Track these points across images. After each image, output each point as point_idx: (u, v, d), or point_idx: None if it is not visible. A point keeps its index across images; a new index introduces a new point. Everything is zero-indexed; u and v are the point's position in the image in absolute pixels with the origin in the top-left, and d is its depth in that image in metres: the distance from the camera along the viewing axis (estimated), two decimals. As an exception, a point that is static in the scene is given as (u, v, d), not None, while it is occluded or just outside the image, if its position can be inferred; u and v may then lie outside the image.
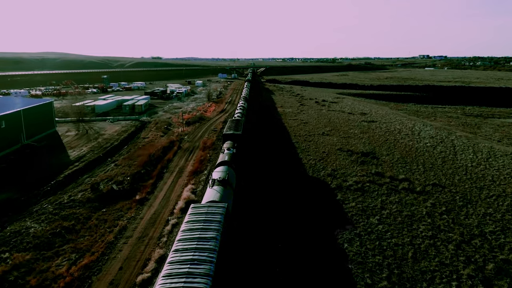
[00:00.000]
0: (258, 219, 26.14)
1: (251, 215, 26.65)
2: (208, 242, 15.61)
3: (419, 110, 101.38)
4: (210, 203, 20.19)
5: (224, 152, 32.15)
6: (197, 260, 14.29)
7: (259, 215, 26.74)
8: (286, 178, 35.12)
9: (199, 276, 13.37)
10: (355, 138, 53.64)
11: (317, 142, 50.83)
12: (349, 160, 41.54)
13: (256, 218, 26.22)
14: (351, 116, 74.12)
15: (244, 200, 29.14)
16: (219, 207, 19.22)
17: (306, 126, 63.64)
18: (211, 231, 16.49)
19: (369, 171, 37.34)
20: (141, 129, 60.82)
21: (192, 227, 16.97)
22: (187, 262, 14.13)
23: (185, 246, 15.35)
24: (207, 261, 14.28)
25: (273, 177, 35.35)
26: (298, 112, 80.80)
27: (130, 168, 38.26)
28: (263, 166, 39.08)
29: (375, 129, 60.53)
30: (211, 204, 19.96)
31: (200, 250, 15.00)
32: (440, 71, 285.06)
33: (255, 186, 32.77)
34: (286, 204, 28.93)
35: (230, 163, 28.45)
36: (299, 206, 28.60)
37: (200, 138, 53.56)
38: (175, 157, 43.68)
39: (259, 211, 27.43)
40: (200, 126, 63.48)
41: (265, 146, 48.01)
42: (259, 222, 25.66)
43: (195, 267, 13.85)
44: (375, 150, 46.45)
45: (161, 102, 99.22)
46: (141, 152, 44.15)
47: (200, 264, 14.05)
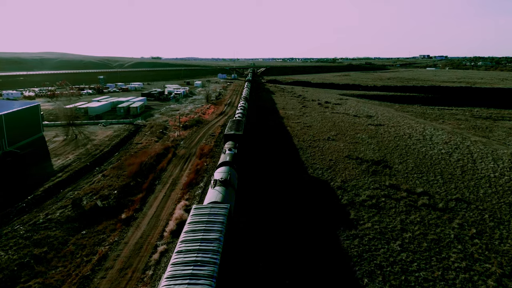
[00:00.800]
0: (262, 248, 22.55)
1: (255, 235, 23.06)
2: (211, 244, 15.48)
3: (425, 112, 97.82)
4: (212, 204, 20.06)
5: (226, 153, 31.63)
6: (200, 261, 14.21)
7: (264, 243, 23.15)
8: (293, 191, 31.54)
9: (202, 278, 13.27)
10: (363, 143, 50.04)
11: (322, 148, 47.24)
12: (359, 170, 37.93)
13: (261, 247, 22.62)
14: (357, 119, 70.52)
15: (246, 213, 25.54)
16: (221, 208, 19.03)
17: (310, 130, 60.05)
18: (214, 232, 16.41)
19: (382, 183, 33.74)
20: (134, 134, 57.21)
21: (194, 228, 16.87)
22: (190, 264, 14.04)
23: (188, 247, 15.23)
24: (210, 262, 14.18)
25: (278, 190, 31.78)
26: (301, 114, 77.21)
27: (119, 180, 34.65)
28: (266, 177, 35.48)
29: (383, 133, 56.92)
30: (214, 205, 19.82)
31: (204, 251, 14.90)
32: (443, 71, 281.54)
33: (259, 201, 29.20)
34: (294, 223, 25.35)
35: (232, 164, 28.23)
36: (309, 225, 25.01)
37: (197, 144, 49.96)
38: (169, 166, 40.07)
39: (265, 235, 23.86)
40: (197, 130, 59.88)
41: (267, 153, 44.43)
42: (264, 250, 22.06)
43: (199, 269, 13.76)
44: (386, 157, 42.85)
45: (158, 103, 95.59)
46: (133, 160, 40.53)
47: (204, 266, 13.95)
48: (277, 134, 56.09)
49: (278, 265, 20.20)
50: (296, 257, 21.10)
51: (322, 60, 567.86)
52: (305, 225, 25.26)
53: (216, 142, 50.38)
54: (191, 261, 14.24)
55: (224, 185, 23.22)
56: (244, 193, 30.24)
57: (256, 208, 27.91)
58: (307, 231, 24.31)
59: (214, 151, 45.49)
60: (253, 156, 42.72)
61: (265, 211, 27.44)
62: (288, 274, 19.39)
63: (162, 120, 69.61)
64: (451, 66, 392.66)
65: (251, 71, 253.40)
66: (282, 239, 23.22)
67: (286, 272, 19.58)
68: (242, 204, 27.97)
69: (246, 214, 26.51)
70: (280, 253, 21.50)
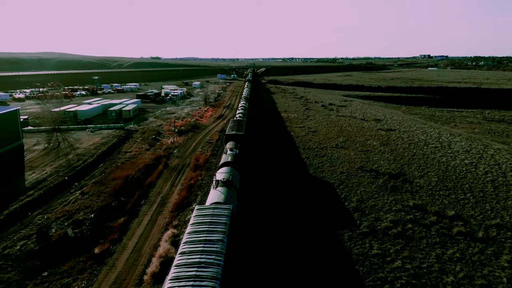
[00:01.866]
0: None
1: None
2: (215, 245, 15.32)
3: (434, 115, 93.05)
4: (215, 205, 19.86)
5: (227, 153, 31.12)
6: (204, 263, 14.05)
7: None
8: (303, 212, 26.78)
9: (206, 279, 13.11)
10: (375, 152, 45.25)
11: (331, 158, 42.46)
12: (376, 185, 33.13)
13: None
14: (365, 123, 65.72)
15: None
16: (224, 209, 18.86)
17: (316, 135, 55.25)
18: (217, 233, 16.26)
19: (405, 203, 28.94)
20: (125, 140, 52.42)
21: (198, 229, 16.69)
22: (194, 265, 13.90)
23: (191, 248, 15.08)
24: (214, 264, 14.03)
25: (285, 213, 27.01)
26: (304, 118, 72.42)
27: (99, 199, 29.86)
28: (269, 197, 30.70)
29: (396, 140, 52.12)
30: (216, 205, 19.62)
31: (207, 252, 14.73)
32: (446, 71, 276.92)
33: (262, 225, 24.42)
34: (304, 255, 20.56)
35: (233, 164, 27.91)
36: (324, 259, 20.23)
37: (192, 153, 45.17)
38: (159, 180, 35.27)
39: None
40: (193, 136, 55.07)
41: (270, 164, 39.64)
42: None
43: (203, 270, 13.62)
44: (404, 169, 38.06)
45: (153, 106, 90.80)
46: (118, 174, 35.76)
47: (208, 267, 13.80)
48: (280, 141, 51.28)
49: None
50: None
51: (322, 60, 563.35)
52: (319, 258, 20.49)
53: (213, 151, 45.55)
54: (195, 263, 14.02)
55: (226, 186, 22.92)
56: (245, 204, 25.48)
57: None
58: (323, 265, 19.53)
59: (210, 162, 40.67)
60: (255, 170, 37.92)
61: (272, 237, 22.67)
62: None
63: (156, 125, 64.82)
64: (453, 66, 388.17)
65: (251, 71, 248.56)
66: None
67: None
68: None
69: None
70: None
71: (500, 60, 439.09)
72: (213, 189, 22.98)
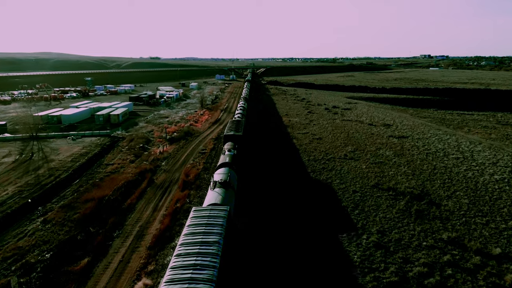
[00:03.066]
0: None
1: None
2: (211, 247, 15.02)
3: (445, 118, 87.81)
4: (212, 206, 19.63)
5: (225, 154, 30.73)
6: (200, 265, 13.79)
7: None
8: (311, 248, 21.47)
9: (202, 282, 12.90)
10: (390, 164, 39.93)
11: (341, 172, 37.15)
12: (397, 210, 27.80)
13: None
14: (373, 129, 60.40)
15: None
16: (221, 211, 18.58)
17: (321, 143, 49.93)
18: (214, 235, 15.95)
19: (437, 236, 23.61)
20: (109, 149, 47.13)
21: (194, 231, 16.37)
22: (189, 268, 13.61)
23: (187, 250, 14.77)
24: (210, 266, 13.77)
25: (291, 242, 21.71)
26: (307, 122, 67.10)
27: (63, 230, 24.55)
28: (271, 222, 25.39)
29: (411, 149, 46.80)
30: (213, 207, 19.31)
31: (203, 255, 14.46)
32: (449, 72, 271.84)
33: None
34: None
35: (231, 165, 27.59)
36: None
37: (183, 165, 39.83)
38: (140, 202, 29.92)
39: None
40: (186, 144, 49.72)
41: (271, 179, 34.32)
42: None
43: (198, 273, 13.34)
44: (427, 187, 32.75)
45: (146, 109, 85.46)
46: (92, 194, 30.45)
47: (203, 270, 13.54)
48: (282, 150, 45.93)
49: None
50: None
51: (322, 60, 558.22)
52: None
53: (206, 163, 40.16)
54: (191, 265, 13.79)
55: (224, 187, 22.69)
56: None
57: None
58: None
59: (202, 177, 35.29)
60: (253, 191, 32.60)
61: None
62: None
63: (146, 131, 59.49)
64: (455, 66, 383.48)
65: (250, 71, 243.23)
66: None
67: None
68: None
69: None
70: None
71: (502, 60, 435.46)
72: (211, 190, 22.71)
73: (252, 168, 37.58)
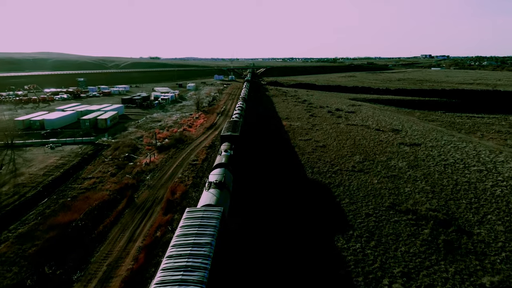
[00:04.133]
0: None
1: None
2: (203, 248, 15.00)
3: (454, 122, 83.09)
4: (205, 207, 19.42)
5: (222, 154, 30.60)
6: (190, 266, 13.71)
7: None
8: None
9: (192, 284, 12.84)
10: (405, 179, 35.21)
11: (349, 189, 32.44)
12: (421, 241, 23.07)
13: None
14: (382, 135, 55.64)
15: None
16: (214, 211, 18.43)
17: (325, 152, 45.22)
18: (206, 237, 15.90)
19: (476, 281, 18.91)
20: (90, 159, 42.43)
21: (186, 232, 16.31)
22: (180, 269, 13.56)
23: (179, 252, 14.74)
24: (201, 267, 13.71)
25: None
26: (310, 127, 62.36)
27: (12, 270, 19.83)
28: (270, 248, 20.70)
29: (426, 159, 42.07)
30: (207, 208, 19.13)
31: (194, 256, 14.42)
32: (452, 72, 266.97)
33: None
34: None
35: (227, 166, 27.35)
36: None
37: (170, 180, 35.11)
38: (114, 229, 25.21)
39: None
40: (176, 153, 45.00)
41: (271, 199, 29.59)
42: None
43: (189, 274, 13.28)
44: (452, 209, 28.04)
45: (139, 112, 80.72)
46: (58, 219, 25.78)
47: (194, 271, 13.47)
48: (283, 160, 41.18)
49: None
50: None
51: (322, 60, 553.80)
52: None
53: (196, 178, 35.40)
54: (182, 266, 13.64)
55: (219, 188, 22.52)
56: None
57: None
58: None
59: (190, 196, 30.54)
60: (251, 219, 27.89)
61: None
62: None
63: (135, 137, 54.77)
64: (456, 66, 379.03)
65: (250, 71, 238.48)
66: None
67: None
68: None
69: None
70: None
71: (504, 60, 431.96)
72: (205, 191, 22.49)
73: (249, 186, 32.85)
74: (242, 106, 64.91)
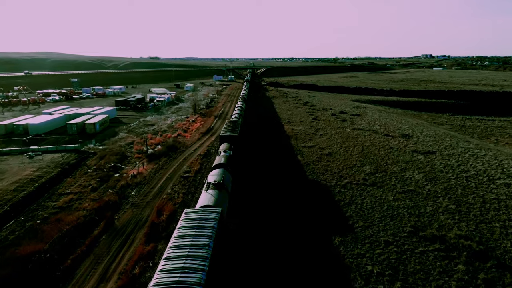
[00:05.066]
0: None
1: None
2: (200, 250, 14.92)
3: (465, 125, 78.98)
4: (204, 208, 19.42)
5: (220, 155, 30.26)
6: (188, 268, 13.64)
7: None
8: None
9: (189, 285, 12.76)
10: (424, 194, 31.06)
11: (362, 207, 28.30)
12: (456, 281, 18.88)
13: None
14: (392, 141, 51.47)
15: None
16: (213, 212, 18.35)
17: (332, 161, 41.08)
18: (204, 238, 15.81)
19: None
20: (72, 170, 38.29)
21: (184, 234, 16.27)
22: (177, 271, 13.49)
23: (176, 253, 14.67)
24: (198, 269, 13.62)
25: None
26: (313, 132, 58.19)
27: None
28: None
29: (444, 170, 37.90)
30: (205, 209, 19.12)
31: (192, 257, 14.31)
32: (456, 72, 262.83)
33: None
34: None
35: (226, 166, 27.04)
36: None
37: (157, 196, 30.93)
38: (85, 262, 21.03)
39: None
40: (167, 163, 40.85)
41: (273, 219, 25.44)
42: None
43: (186, 276, 13.21)
44: (485, 235, 23.87)
45: (132, 115, 76.57)
46: (21, 250, 21.60)
47: (191, 273, 13.39)
48: (284, 169, 37.00)
49: None
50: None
51: (323, 60, 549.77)
52: None
53: (187, 194, 31.20)
54: (179, 268, 13.59)
55: (217, 188, 22.28)
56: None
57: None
58: None
59: (179, 213, 26.30)
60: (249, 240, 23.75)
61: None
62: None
63: (125, 143, 50.64)
64: (458, 66, 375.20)
65: (250, 71, 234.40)
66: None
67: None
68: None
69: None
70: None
71: (505, 60, 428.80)
72: (204, 192, 22.50)
73: (250, 210, 28.68)
74: (242, 106, 63.37)
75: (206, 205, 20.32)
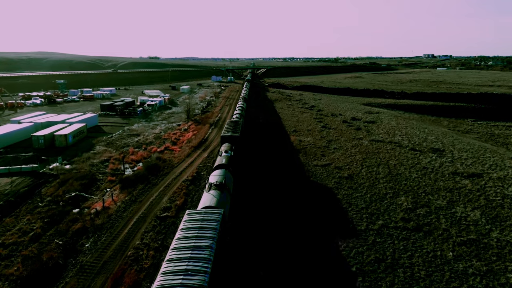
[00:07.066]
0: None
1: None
2: (203, 251, 14.65)
3: (493, 133, 69.90)
4: (205, 209, 19.05)
5: (222, 155, 29.77)
6: (191, 270, 13.40)
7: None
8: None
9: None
10: (494, 247, 22.14)
11: (414, 275, 19.52)
12: None
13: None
14: (422, 158, 42.47)
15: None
16: (215, 213, 18.04)
17: (354, 188, 32.12)
18: (206, 239, 15.52)
19: None
20: (19, 203, 29.31)
21: (186, 235, 15.95)
22: (180, 273, 13.25)
23: (179, 255, 14.42)
24: (201, 271, 13.40)
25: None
26: (325, 144, 49.22)
27: None
28: None
29: (504, 203, 28.93)
30: (207, 210, 18.77)
31: (195, 259, 14.07)
32: (463, 72, 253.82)
33: None
34: None
35: (228, 167, 26.63)
36: None
37: (119, 252, 21.94)
38: None
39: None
40: (144, 192, 31.84)
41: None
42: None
43: (189, 278, 12.93)
44: None
45: (117, 122, 67.56)
46: None
47: (194, 275, 13.15)
48: (294, 202, 28.09)
49: None
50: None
51: (324, 60, 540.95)
52: None
53: (161, 247, 22.18)
54: (182, 270, 13.37)
55: (219, 189, 22.10)
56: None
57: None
58: None
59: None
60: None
61: None
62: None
63: (100, 160, 41.71)
64: (463, 66, 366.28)
65: (250, 71, 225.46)
66: None
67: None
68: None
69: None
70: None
71: (509, 60, 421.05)
72: (206, 193, 22.05)
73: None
74: (243, 106, 61.63)
75: (208, 206, 20.00)
